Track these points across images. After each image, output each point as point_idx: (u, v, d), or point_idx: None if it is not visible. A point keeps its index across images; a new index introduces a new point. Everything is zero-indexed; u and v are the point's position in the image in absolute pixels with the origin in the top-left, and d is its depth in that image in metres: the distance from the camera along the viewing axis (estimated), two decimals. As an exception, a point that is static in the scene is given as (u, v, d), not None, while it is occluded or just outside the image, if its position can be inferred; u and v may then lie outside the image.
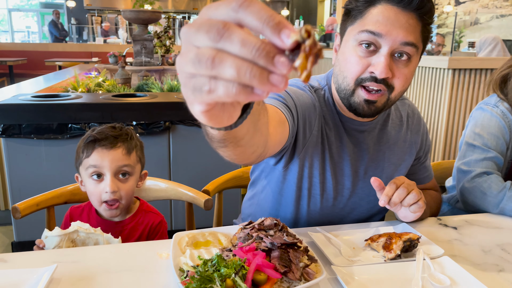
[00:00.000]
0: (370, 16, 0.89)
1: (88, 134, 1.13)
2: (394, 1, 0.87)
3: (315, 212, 1.09)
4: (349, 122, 1.05)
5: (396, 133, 1.12)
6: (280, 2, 14.46)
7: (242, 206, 1.32)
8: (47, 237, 0.98)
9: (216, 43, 0.32)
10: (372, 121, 1.07)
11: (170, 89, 3.22)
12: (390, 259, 0.86)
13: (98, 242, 1.01)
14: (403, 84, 0.92)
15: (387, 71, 0.88)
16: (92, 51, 9.17)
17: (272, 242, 0.79)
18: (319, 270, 0.79)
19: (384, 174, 1.11)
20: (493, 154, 1.23)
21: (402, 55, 0.90)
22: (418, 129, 1.17)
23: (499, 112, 1.26)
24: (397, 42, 0.87)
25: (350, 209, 1.12)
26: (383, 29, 0.87)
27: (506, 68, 1.32)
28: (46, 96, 2.45)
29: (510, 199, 1.12)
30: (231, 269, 0.72)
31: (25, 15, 15.42)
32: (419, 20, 0.88)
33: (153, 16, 4.25)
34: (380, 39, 0.88)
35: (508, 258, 0.92)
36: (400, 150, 1.13)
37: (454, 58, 3.18)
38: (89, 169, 1.11)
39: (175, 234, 0.91)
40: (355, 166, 1.08)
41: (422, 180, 1.23)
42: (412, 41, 0.88)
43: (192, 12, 14.13)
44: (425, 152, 1.21)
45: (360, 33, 0.90)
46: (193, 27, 0.34)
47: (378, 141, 1.09)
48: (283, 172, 1.07)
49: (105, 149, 1.10)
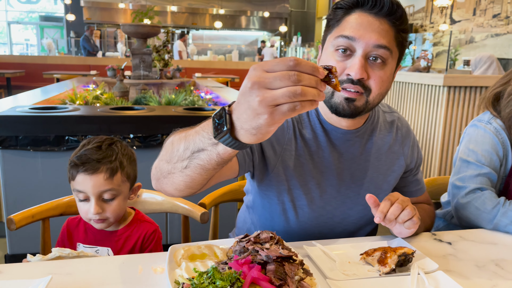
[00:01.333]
0: (346, 23, 0.95)
1: (74, 154, 1.13)
2: (367, 8, 0.93)
3: (304, 223, 1.10)
4: (334, 131, 1.07)
5: (384, 144, 1.14)
6: (278, 19, 14.63)
7: (236, 220, 1.32)
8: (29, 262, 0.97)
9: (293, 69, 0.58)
10: (358, 130, 1.08)
11: (168, 103, 3.24)
12: (385, 273, 0.86)
13: None
14: (379, 86, 0.96)
15: (362, 72, 0.92)
16: (90, 64, 9.21)
17: (267, 255, 0.79)
18: (314, 284, 0.79)
19: (373, 184, 1.12)
20: (487, 170, 1.24)
21: (377, 59, 0.94)
22: (408, 141, 1.18)
23: (492, 129, 1.28)
24: (370, 45, 0.92)
25: (340, 219, 1.12)
26: (357, 33, 0.93)
27: (498, 86, 1.35)
28: (44, 108, 2.46)
29: (504, 215, 1.13)
30: (226, 281, 0.72)
31: (24, 28, 15.52)
32: (391, 25, 0.94)
33: (152, 31, 4.30)
34: (354, 43, 0.93)
35: (501, 273, 0.92)
36: (388, 161, 1.14)
37: (449, 75, 3.23)
38: (75, 190, 1.13)
39: (171, 247, 0.91)
40: (341, 175, 1.09)
41: (415, 193, 1.24)
42: (385, 44, 0.93)
43: (190, 27, 14.27)
44: (417, 165, 1.22)
45: (336, 39, 0.96)
46: (268, 63, 0.59)
47: (365, 151, 1.11)
48: (262, 188, 1.09)
49: (87, 175, 1.09)
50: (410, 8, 9.94)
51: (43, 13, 15.17)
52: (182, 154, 0.76)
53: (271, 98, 0.57)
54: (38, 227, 1.29)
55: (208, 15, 14.16)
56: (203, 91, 4.46)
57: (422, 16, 9.53)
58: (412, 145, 1.20)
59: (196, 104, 3.26)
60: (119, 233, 1.18)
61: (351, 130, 1.07)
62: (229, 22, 14.45)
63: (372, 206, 0.97)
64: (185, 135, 0.77)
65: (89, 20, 13.31)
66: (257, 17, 14.62)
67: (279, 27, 14.29)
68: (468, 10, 8.10)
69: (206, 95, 4.11)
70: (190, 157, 0.75)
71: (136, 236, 1.19)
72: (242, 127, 0.63)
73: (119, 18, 13.52)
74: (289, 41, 13.65)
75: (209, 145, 0.70)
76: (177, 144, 0.78)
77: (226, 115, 0.64)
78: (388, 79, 0.97)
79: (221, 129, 0.65)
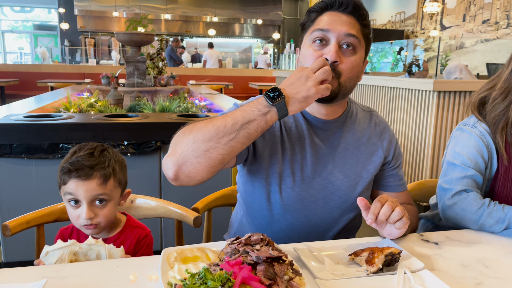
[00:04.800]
0: (319, 20, 1.14)
1: (65, 160, 1.14)
2: (335, 8, 1.13)
3: (290, 206, 1.18)
4: (314, 120, 1.20)
5: (363, 136, 1.24)
6: (271, 26, 14.73)
7: (231, 217, 1.38)
8: (48, 253, 0.99)
9: None
10: (336, 120, 1.21)
11: (162, 110, 3.26)
12: (373, 273, 0.89)
13: (100, 253, 1.04)
14: (350, 71, 1.11)
15: (336, 56, 1.08)
16: (84, 72, 9.22)
17: (258, 256, 0.82)
18: (303, 283, 0.82)
19: (353, 171, 1.21)
20: (472, 172, 1.27)
21: (349, 46, 1.10)
22: (386, 136, 1.28)
23: (477, 132, 1.32)
24: (342, 34, 1.10)
25: (323, 203, 1.19)
26: (330, 25, 1.11)
27: (484, 91, 1.38)
28: (38, 116, 2.47)
29: (489, 216, 1.16)
30: (217, 281, 0.74)
31: (18, 36, 15.51)
32: (356, 20, 1.13)
33: (146, 39, 4.32)
34: (328, 34, 1.10)
35: (486, 272, 0.95)
36: (367, 151, 1.24)
37: (438, 81, 3.28)
38: (66, 195, 1.14)
39: (164, 250, 0.93)
40: (322, 161, 1.20)
41: (396, 188, 1.29)
42: (354, 33, 1.10)
43: (184, 35, 14.33)
44: (396, 160, 1.29)
45: (313, 33, 1.13)
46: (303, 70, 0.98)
47: (345, 141, 1.22)
48: (250, 174, 1.19)
49: (80, 180, 1.11)
50: (401, 14, 10.06)
51: (37, 22, 15.17)
52: (230, 128, 0.95)
53: (316, 76, 0.96)
54: (32, 235, 1.31)
55: (202, 23, 14.23)
56: (197, 98, 4.48)
57: (413, 23, 9.65)
58: (390, 141, 1.28)
59: (189, 111, 3.29)
60: (112, 240, 1.19)
61: (330, 120, 1.20)
62: (223, 30, 14.52)
63: (363, 208, 1.02)
64: (223, 117, 0.97)
65: (83, 28, 13.32)
66: (250, 25, 14.71)
67: (272, 34, 14.39)
68: (458, 16, 8.22)
69: (200, 102, 4.13)
70: (239, 129, 0.95)
71: (128, 242, 1.20)
72: (294, 97, 0.95)
73: (113, 26, 13.54)
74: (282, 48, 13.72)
75: (259, 115, 0.95)
76: (220, 123, 0.96)
77: (281, 90, 0.96)
78: (358, 66, 1.13)
79: (277, 98, 0.95)
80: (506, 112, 1.28)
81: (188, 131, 0.98)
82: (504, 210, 1.16)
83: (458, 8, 8.21)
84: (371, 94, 4.30)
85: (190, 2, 13.83)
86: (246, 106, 0.98)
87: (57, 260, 0.99)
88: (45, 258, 1.01)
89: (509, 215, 1.14)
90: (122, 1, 13.22)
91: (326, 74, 0.97)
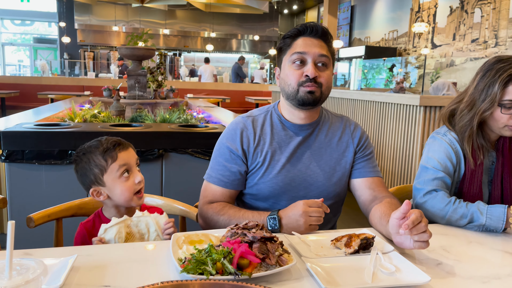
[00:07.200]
0: (295, 45, 1.38)
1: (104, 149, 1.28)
2: (307, 34, 1.38)
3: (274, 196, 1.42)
4: (293, 126, 1.44)
5: (335, 136, 1.49)
6: (268, 42, 15.05)
7: None
8: (106, 230, 1.18)
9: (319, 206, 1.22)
10: (311, 124, 1.45)
11: (162, 121, 3.44)
12: (350, 254, 1.06)
13: (148, 222, 1.23)
14: (327, 81, 1.37)
15: (315, 72, 1.34)
16: (84, 85, 9.40)
17: (253, 236, 0.98)
18: (291, 259, 0.98)
19: (328, 165, 1.44)
20: (442, 174, 1.45)
21: (323, 64, 1.36)
22: (356, 133, 1.51)
23: (447, 140, 1.50)
24: (316, 55, 1.35)
25: (304, 192, 1.41)
26: (306, 48, 1.35)
27: (453, 104, 1.57)
28: (48, 125, 2.64)
29: (454, 212, 1.33)
30: (220, 255, 0.91)
31: (17, 49, 15.72)
32: (324, 43, 1.38)
33: (148, 53, 4.52)
34: (305, 55, 1.35)
35: (447, 255, 1.12)
36: (340, 148, 1.48)
37: (424, 96, 3.49)
38: (119, 170, 1.28)
39: (173, 235, 1.10)
40: (300, 159, 1.43)
41: (369, 173, 1.46)
42: (325, 54, 1.36)
43: (182, 49, 14.60)
44: (366, 148, 1.50)
45: (292, 55, 1.37)
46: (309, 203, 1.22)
47: (319, 140, 1.46)
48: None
49: (125, 151, 1.30)
50: (394, 32, 10.38)
51: (37, 35, 15.42)
52: (232, 223, 1.25)
53: (310, 220, 1.19)
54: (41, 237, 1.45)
55: (200, 38, 14.54)
56: (195, 111, 4.66)
57: (405, 41, 9.95)
58: (361, 136, 1.50)
59: (189, 122, 3.46)
60: None
61: (306, 124, 1.44)
62: (220, 45, 14.83)
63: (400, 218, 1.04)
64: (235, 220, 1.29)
65: (83, 42, 13.56)
66: (247, 40, 15.02)
67: (268, 50, 14.69)
68: (448, 35, 8.52)
69: (199, 115, 4.31)
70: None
71: None
72: (287, 227, 1.21)
73: (112, 40, 13.80)
74: (279, 63, 14.01)
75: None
76: (233, 220, 1.30)
77: (279, 219, 1.23)
78: (330, 78, 1.39)
79: (274, 228, 1.23)
80: (471, 122, 1.46)
81: (214, 222, 1.34)
82: (468, 206, 1.33)
83: (448, 28, 8.52)
84: (363, 108, 4.51)
85: (188, 18, 14.15)
86: (254, 217, 1.28)
87: (116, 234, 1.18)
88: (104, 234, 1.18)
89: (471, 211, 1.32)
90: (122, 16, 13.51)
91: (317, 221, 1.21)
